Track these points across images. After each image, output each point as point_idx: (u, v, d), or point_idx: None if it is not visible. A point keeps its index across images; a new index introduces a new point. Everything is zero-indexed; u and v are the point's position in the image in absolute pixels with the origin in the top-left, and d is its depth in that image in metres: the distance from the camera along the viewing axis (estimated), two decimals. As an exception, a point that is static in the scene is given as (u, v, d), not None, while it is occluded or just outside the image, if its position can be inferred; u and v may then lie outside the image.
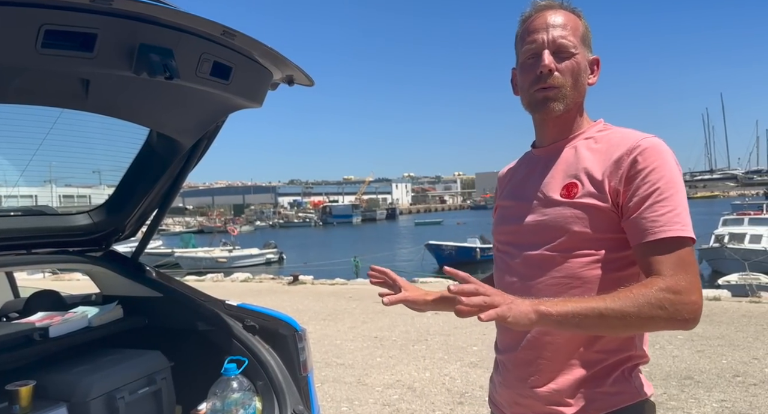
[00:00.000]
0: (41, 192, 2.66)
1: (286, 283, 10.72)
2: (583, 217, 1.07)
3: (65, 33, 1.25)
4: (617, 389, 1.08)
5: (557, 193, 1.11)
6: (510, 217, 1.21)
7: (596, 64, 1.19)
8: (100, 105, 1.71)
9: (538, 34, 1.13)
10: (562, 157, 1.16)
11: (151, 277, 2.29)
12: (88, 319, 2.06)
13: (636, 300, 0.96)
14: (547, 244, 1.10)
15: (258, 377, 1.97)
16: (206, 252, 24.87)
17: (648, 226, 1.02)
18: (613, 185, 1.06)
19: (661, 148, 1.06)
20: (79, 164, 2.37)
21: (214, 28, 1.43)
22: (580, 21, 1.16)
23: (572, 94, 1.13)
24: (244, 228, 54.94)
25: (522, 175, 1.25)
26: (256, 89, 1.74)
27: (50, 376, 1.80)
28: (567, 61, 1.12)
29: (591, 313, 0.96)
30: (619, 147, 1.08)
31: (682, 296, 0.97)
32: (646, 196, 1.03)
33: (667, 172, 1.04)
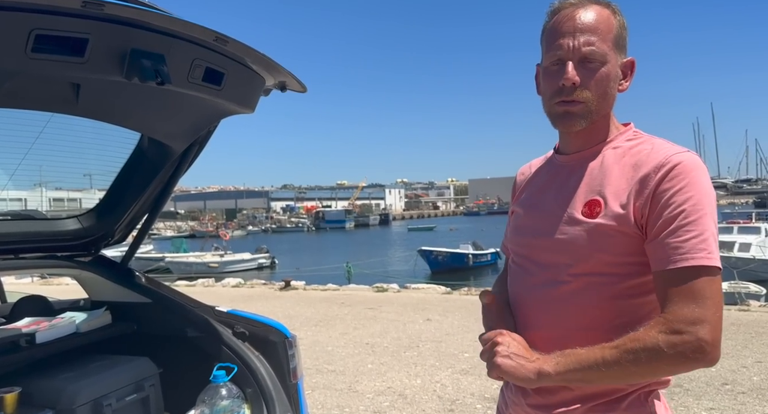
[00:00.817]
0: (31, 195, 2.65)
1: (278, 288, 10.67)
2: (605, 240, 1.00)
3: (56, 37, 1.24)
4: (632, 411, 1.02)
5: (579, 211, 1.04)
6: (527, 228, 1.14)
7: (630, 68, 1.08)
8: (90, 109, 1.71)
9: (565, 38, 1.02)
10: (589, 169, 1.07)
11: (141, 283, 2.27)
12: (75, 324, 2.04)
13: (634, 348, 0.91)
14: (566, 266, 1.04)
15: (247, 384, 1.96)
16: (198, 257, 24.71)
17: (669, 253, 0.94)
18: (638, 206, 0.98)
19: (693, 165, 0.97)
20: (70, 168, 2.36)
21: (207, 34, 1.43)
22: (615, 19, 1.04)
23: (598, 107, 1.05)
24: (236, 233, 54.68)
25: (543, 182, 1.17)
26: (248, 95, 1.74)
27: (36, 383, 1.77)
28: (594, 72, 1.02)
29: (590, 368, 0.93)
30: (647, 163, 0.99)
31: (683, 336, 0.90)
32: (670, 219, 0.95)
33: (696, 193, 0.95)
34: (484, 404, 4.02)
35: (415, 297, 9.04)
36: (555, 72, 1.05)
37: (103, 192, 2.27)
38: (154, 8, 1.37)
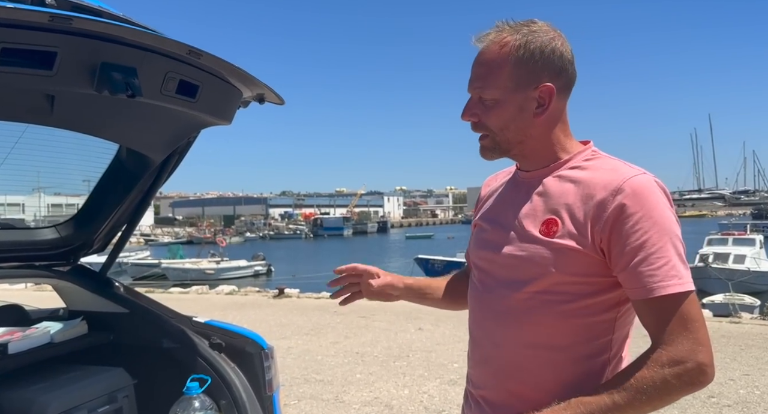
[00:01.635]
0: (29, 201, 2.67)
1: (272, 296, 10.63)
2: (561, 259, 1.01)
3: (23, 51, 1.25)
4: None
5: (536, 229, 1.05)
6: (486, 242, 1.16)
7: (547, 96, 1.06)
8: (66, 120, 1.71)
9: (470, 78, 1.09)
10: (546, 187, 1.09)
11: (119, 293, 2.26)
12: (50, 335, 2.03)
13: (643, 387, 0.92)
14: (523, 283, 1.05)
15: (221, 396, 1.95)
16: (194, 263, 24.68)
17: (645, 282, 0.95)
18: (597, 229, 0.99)
19: (650, 189, 0.98)
20: (49, 177, 2.37)
21: (180, 48, 1.44)
22: (511, 55, 1.04)
23: (506, 138, 1.08)
24: (234, 239, 54.67)
25: (505, 197, 1.18)
26: (224, 107, 1.75)
27: (7, 394, 1.77)
28: (489, 109, 1.07)
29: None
30: (604, 186, 1.00)
31: (685, 365, 0.92)
32: (637, 247, 0.96)
33: (658, 218, 0.96)
34: (470, 416, 4.00)
35: (408, 306, 8.94)
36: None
37: (78, 200, 2.27)
38: (125, 22, 1.38)
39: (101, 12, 1.38)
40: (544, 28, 1.05)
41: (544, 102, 1.06)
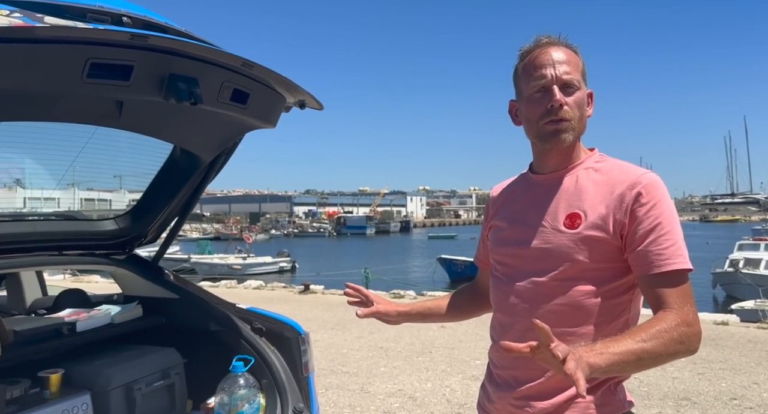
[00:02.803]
0: (65, 195, 2.91)
1: (298, 291, 10.90)
2: (586, 248, 1.14)
3: (107, 65, 1.44)
4: (603, 401, 1.16)
5: (561, 222, 1.18)
6: (511, 240, 1.27)
7: (591, 97, 1.25)
8: (131, 123, 1.92)
9: (545, 69, 1.18)
10: (564, 187, 1.22)
11: (169, 280, 2.47)
12: (111, 316, 2.25)
13: (663, 339, 1.04)
14: (550, 272, 1.17)
15: (263, 376, 2.13)
16: (221, 258, 25.21)
17: (654, 259, 1.10)
18: (618, 218, 1.13)
19: (660, 184, 1.16)
20: (108, 173, 2.60)
21: (235, 60, 1.63)
22: (579, 57, 1.22)
23: (578, 126, 1.20)
24: (260, 236, 55.41)
25: (521, 199, 1.30)
26: (270, 112, 1.93)
27: (76, 367, 1.98)
28: (573, 95, 1.18)
29: (631, 359, 1.02)
30: (621, 181, 1.16)
31: (692, 328, 1.07)
32: (650, 229, 1.11)
33: (667, 208, 1.13)
34: (491, 409, 4.12)
35: (431, 304, 9.14)
36: (540, 98, 1.20)
37: (136, 194, 2.49)
38: (190, 38, 1.57)
39: (167, 28, 1.57)
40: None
41: (589, 103, 1.25)
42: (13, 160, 2.44)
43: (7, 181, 2.80)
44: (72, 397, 1.84)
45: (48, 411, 1.75)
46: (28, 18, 1.24)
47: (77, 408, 1.82)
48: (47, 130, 1.94)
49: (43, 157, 2.26)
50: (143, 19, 1.51)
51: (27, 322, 2.04)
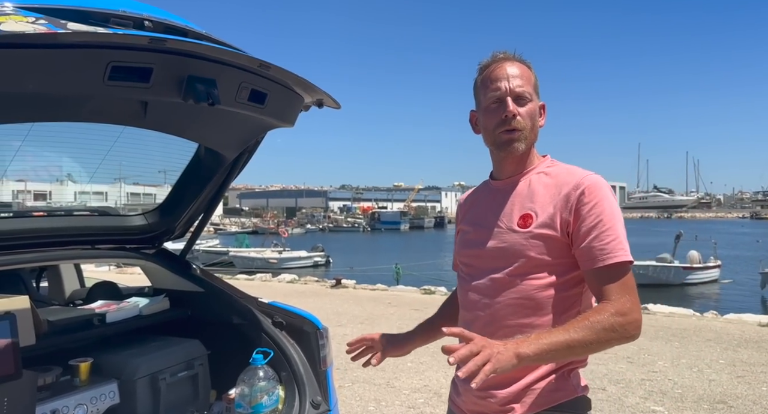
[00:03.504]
0: (113, 189, 3.06)
1: (330, 286, 11.03)
2: (538, 245, 1.26)
3: (127, 68, 1.50)
4: (558, 387, 1.28)
5: (515, 223, 1.30)
6: (472, 241, 1.39)
7: (543, 109, 1.38)
8: (156, 123, 1.99)
9: (501, 82, 1.30)
10: (518, 190, 1.34)
11: (196, 274, 2.55)
12: (139, 308, 2.35)
13: (594, 328, 1.14)
14: (506, 268, 1.28)
15: (282, 368, 2.18)
16: (258, 252, 25.70)
17: (596, 254, 1.21)
18: (563, 217, 1.25)
19: (602, 184, 1.26)
20: (139, 171, 2.70)
21: (252, 62, 1.66)
22: (532, 72, 1.35)
23: (530, 135, 1.32)
24: (296, 230, 56.18)
25: (483, 203, 1.43)
26: (288, 112, 1.96)
27: (105, 356, 2.07)
28: (525, 106, 1.30)
29: (561, 347, 1.13)
30: (567, 183, 1.27)
31: (627, 317, 1.16)
32: (592, 226, 1.22)
33: (608, 206, 1.23)
34: (517, 408, 4.09)
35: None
36: (495, 109, 1.31)
37: (167, 192, 2.57)
38: (206, 39, 1.61)
39: (187, 31, 1.62)
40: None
41: (541, 114, 1.38)
42: (63, 157, 2.58)
43: (60, 176, 2.97)
44: (100, 385, 1.93)
45: (77, 398, 1.84)
46: (52, 24, 1.30)
47: (105, 396, 1.91)
48: (91, 129, 2.04)
49: (90, 154, 2.37)
50: (164, 23, 1.56)
51: (60, 313, 2.15)
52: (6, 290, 2.16)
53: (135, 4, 1.57)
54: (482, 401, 1.32)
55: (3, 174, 2.44)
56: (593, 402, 4.08)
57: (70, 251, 2.33)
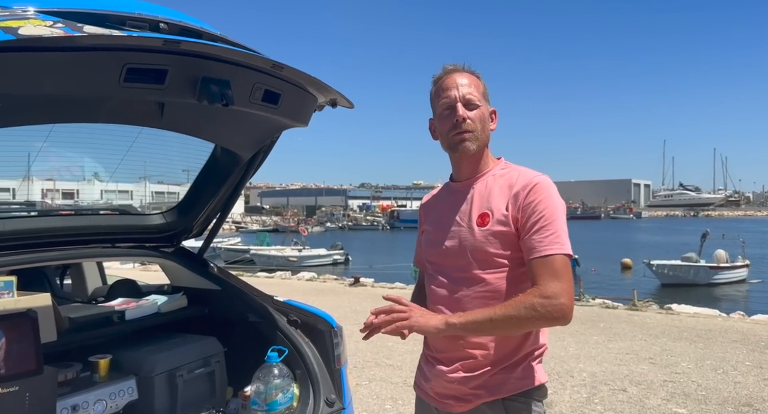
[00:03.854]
0: (137, 188, 3.13)
1: (348, 284, 11.07)
2: (496, 241, 1.39)
3: (143, 69, 1.52)
4: (524, 375, 1.41)
5: (474, 221, 1.43)
6: (436, 241, 1.50)
7: (494, 114, 1.51)
8: (172, 124, 2.02)
9: (451, 91, 1.44)
10: (476, 191, 1.47)
11: (213, 272, 2.58)
12: (157, 305, 2.39)
13: (516, 306, 1.29)
14: (468, 264, 1.41)
15: (297, 366, 2.20)
16: (279, 250, 25.91)
17: (535, 246, 1.34)
18: (513, 213, 1.38)
19: (549, 184, 1.40)
20: (163, 170, 2.75)
21: (265, 63, 1.67)
22: (480, 81, 1.49)
23: (481, 136, 1.45)
24: (315, 229, 56.50)
25: (444, 204, 1.55)
26: (302, 112, 1.97)
27: (124, 353, 2.11)
28: (474, 111, 1.43)
29: (484, 320, 1.29)
30: (518, 183, 1.41)
31: (551, 300, 1.28)
32: (534, 222, 1.35)
33: (551, 204, 1.37)
34: (535, 408, 4.04)
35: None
36: (448, 115, 1.45)
37: (182, 190, 2.61)
38: (221, 41, 1.63)
39: (202, 33, 1.63)
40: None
41: (492, 119, 1.51)
42: (86, 157, 2.63)
43: (86, 175, 3.04)
44: (119, 382, 1.97)
45: (97, 393, 1.88)
46: (69, 28, 1.32)
47: (123, 392, 1.95)
48: (112, 129, 2.08)
49: (113, 154, 2.42)
50: (179, 25, 1.58)
51: (81, 310, 2.20)
52: (30, 288, 2.22)
53: (151, 7, 1.59)
54: (452, 385, 1.43)
55: (27, 173, 2.50)
56: (613, 403, 4.03)
57: (91, 249, 2.37)
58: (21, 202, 2.89)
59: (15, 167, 2.43)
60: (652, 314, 8.14)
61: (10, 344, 1.59)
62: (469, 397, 1.42)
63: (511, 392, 1.40)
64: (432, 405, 1.53)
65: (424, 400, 1.57)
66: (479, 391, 1.40)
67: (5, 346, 1.58)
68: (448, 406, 1.47)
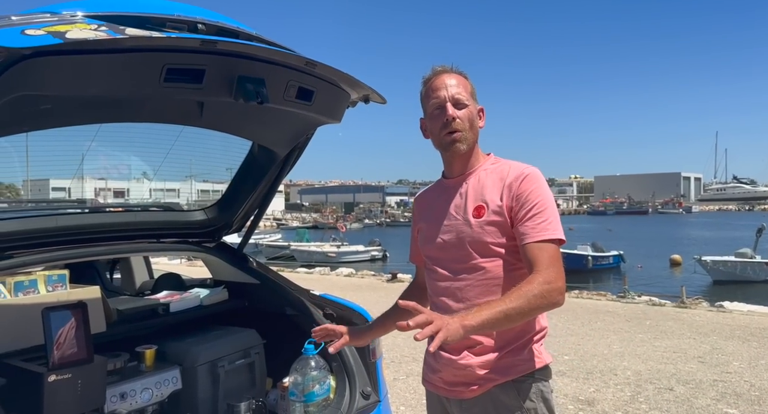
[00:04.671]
0: (184, 186, 3.25)
1: (386, 280, 11.11)
2: (492, 231, 1.46)
3: (181, 69, 1.58)
4: (530, 357, 1.48)
5: (470, 214, 1.49)
6: (434, 236, 1.56)
7: (482, 112, 1.57)
8: (211, 122, 2.08)
9: (440, 91, 1.50)
10: (469, 186, 1.54)
11: (252, 267, 2.65)
12: (200, 298, 2.47)
13: (526, 296, 1.32)
14: (467, 255, 1.47)
15: (333, 359, 2.22)
16: (318, 246, 26.27)
17: (529, 232, 1.41)
18: (507, 203, 1.45)
19: (539, 175, 1.48)
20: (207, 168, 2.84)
21: (299, 60, 1.70)
22: (468, 81, 1.55)
23: (470, 135, 1.51)
24: (354, 225, 56.89)
25: (439, 200, 1.60)
26: (335, 108, 1.99)
27: (168, 343, 2.20)
28: (463, 110, 1.50)
29: (499, 316, 1.30)
30: (510, 175, 1.49)
31: (552, 284, 1.34)
32: (528, 209, 1.42)
33: (542, 193, 1.45)
34: (576, 405, 3.97)
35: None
36: (438, 115, 1.51)
37: (224, 188, 2.68)
38: (257, 41, 1.66)
39: (239, 32, 1.67)
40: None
41: (480, 117, 1.57)
42: (132, 156, 2.75)
43: (135, 174, 3.19)
44: (164, 371, 2.05)
45: (143, 382, 1.96)
46: (112, 31, 1.38)
47: (168, 381, 2.03)
48: (155, 129, 2.16)
49: (158, 153, 2.52)
50: (216, 25, 1.62)
51: (128, 303, 2.30)
52: (81, 281, 2.34)
53: (190, 8, 1.64)
54: (463, 371, 1.49)
55: (76, 172, 2.62)
56: (659, 402, 3.91)
57: (137, 244, 2.47)
58: (73, 200, 3.04)
59: (69, 167, 2.56)
60: (702, 312, 7.83)
61: (63, 334, 1.68)
62: (481, 381, 1.47)
63: (520, 373, 1.47)
64: (441, 396, 1.58)
65: (433, 392, 1.62)
66: (490, 375, 1.46)
67: (60, 336, 1.68)
68: (458, 393, 1.52)
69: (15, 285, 1.97)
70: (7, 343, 1.80)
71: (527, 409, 1.47)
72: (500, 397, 1.47)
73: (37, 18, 1.38)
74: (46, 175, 2.98)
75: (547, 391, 1.50)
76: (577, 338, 6.12)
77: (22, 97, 1.43)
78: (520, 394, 1.46)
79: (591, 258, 20.08)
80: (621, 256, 21.13)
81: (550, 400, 1.51)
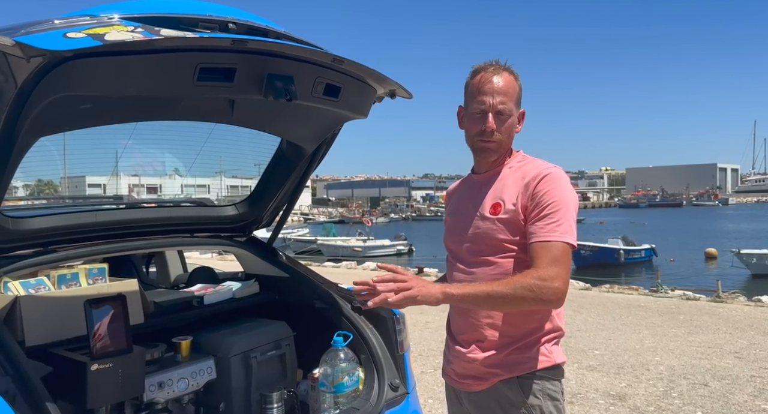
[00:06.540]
0: (214, 182, 3.33)
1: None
2: (505, 228, 1.49)
3: (213, 68, 1.62)
4: (539, 355, 1.50)
5: (488, 211, 1.54)
6: (455, 229, 1.63)
7: (522, 116, 1.60)
8: (242, 120, 2.13)
9: (486, 96, 1.51)
10: (493, 182, 1.58)
11: (282, 261, 2.70)
12: (232, 291, 2.53)
13: (513, 284, 1.37)
14: (482, 250, 1.53)
15: (361, 351, 2.26)
16: (344, 241, 26.47)
17: (537, 231, 1.43)
18: (523, 202, 1.48)
19: (559, 176, 1.49)
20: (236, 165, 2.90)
21: (326, 57, 1.73)
22: (517, 82, 1.55)
23: (505, 145, 1.57)
24: (380, 220, 56.99)
25: (465, 195, 1.67)
26: (361, 104, 2.02)
27: (203, 335, 2.26)
28: (504, 122, 1.53)
29: (481, 294, 1.37)
30: (530, 174, 1.51)
31: (546, 282, 1.35)
32: (540, 210, 1.45)
33: (559, 194, 1.46)
34: (607, 400, 3.92)
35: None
36: (478, 118, 1.53)
37: (254, 184, 2.74)
38: (285, 38, 1.70)
39: (268, 31, 1.71)
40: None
41: (520, 121, 1.60)
42: (166, 153, 2.84)
43: (168, 171, 3.29)
44: (199, 361, 2.11)
45: (180, 372, 2.03)
46: (147, 32, 1.43)
47: (203, 371, 2.10)
48: (186, 126, 2.23)
49: (190, 150, 2.59)
50: (247, 24, 1.66)
51: (164, 295, 2.38)
52: (119, 275, 2.43)
53: (221, 8, 1.68)
54: (470, 364, 1.53)
55: (115, 170, 2.72)
56: (693, 397, 3.86)
57: (171, 239, 2.55)
58: (110, 196, 3.14)
59: (105, 164, 2.66)
60: (739, 306, 7.61)
61: (104, 325, 1.76)
62: (487, 375, 1.51)
63: (526, 371, 1.49)
64: (455, 387, 1.63)
65: (449, 384, 1.67)
66: (495, 370, 1.50)
67: (101, 327, 1.76)
68: (467, 386, 1.56)
69: (58, 278, 2.06)
70: (52, 334, 1.89)
71: (531, 405, 1.48)
72: (505, 392, 1.50)
73: (78, 21, 1.44)
74: (82, 172, 3.09)
75: (555, 391, 1.51)
76: (608, 333, 6.03)
77: (64, 98, 1.49)
78: (524, 390, 1.48)
79: (623, 251, 19.68)
80: (653, 249, 20.65)
81: (559, 399, 1.51)
